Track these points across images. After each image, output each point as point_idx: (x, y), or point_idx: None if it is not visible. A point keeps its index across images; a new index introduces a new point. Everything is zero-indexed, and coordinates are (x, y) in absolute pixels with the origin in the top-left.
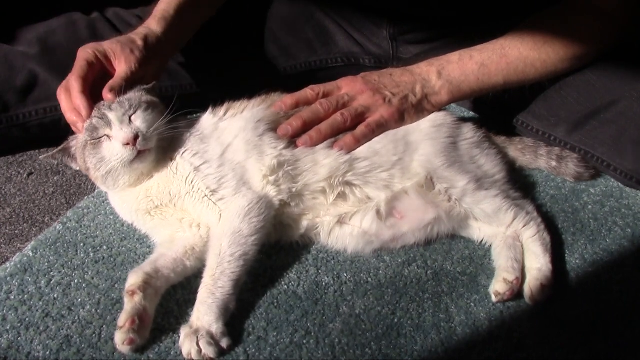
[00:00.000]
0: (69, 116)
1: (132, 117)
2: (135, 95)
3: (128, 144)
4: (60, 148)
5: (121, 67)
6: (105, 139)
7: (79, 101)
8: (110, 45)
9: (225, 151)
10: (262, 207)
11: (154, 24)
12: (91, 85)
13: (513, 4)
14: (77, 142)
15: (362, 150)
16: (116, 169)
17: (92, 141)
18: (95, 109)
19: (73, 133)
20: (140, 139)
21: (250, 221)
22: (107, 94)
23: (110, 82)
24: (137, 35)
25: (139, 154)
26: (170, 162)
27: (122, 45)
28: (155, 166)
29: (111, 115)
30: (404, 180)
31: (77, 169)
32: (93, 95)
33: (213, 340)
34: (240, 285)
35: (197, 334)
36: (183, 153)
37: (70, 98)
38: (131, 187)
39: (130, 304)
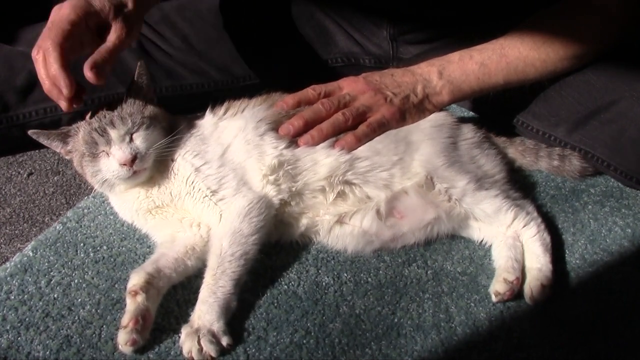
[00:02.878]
0: (47, 86)
1: (134, 135)
2: (137, 110)
3: (125, 164)
4: (58, 132)
5: (109, 38)
6: (103, 154)
7: (59, 76)
8: (101, 5)
9: (225, 151)
10: (262, 206)
11: None
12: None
13: (513, 4)
14: (74, 145)
15: (362, 150)
16: (112, 181)
17: (90, 155)
18: (95, 117)
19: None
20: (137, 160)
21: (251, 221)
22: (88, 71)
23: (95, 57)
24: None
25: (135, 173)
26: (172, 163)
27: (115, 10)
28: (155, 168)
29: (113, 134)
30: (404, 179)
31: (67, 158)
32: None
33: (214, 338)
34: (241, 284)
35: (198, 333)
36: (184, 154)
37: (46, 65)
38: (130, 189)
39: (133, 304)
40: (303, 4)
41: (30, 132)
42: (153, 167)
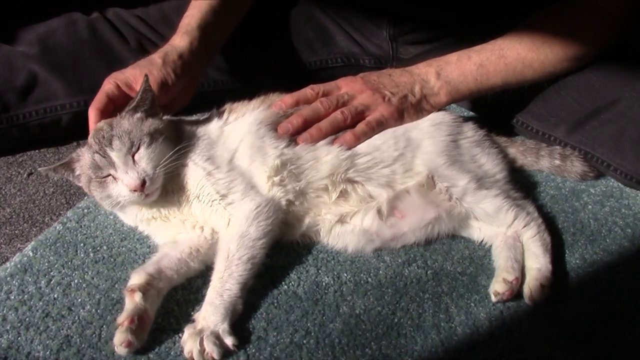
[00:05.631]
0: None
1: (136, 157)
2: (135, 126)
3: (136, 190)
4: (62, 163)
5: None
6: (110, 178)
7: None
8: (131, 72)
9: (233, 156)
10: (270, 210)
11: (177, 39)
12: (111, 114)
13: (512, 4)
14: (81, 169)
15: (362, 146)
16: (124, 205)
17: (97, 179)
18: (94, 135)
19: (73, 133)
20: (147, 183)
21: (259, 224)
22: None
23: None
24: (157, 54)
25: (147, 196)
26: (183, 169)
27: (141, 68)
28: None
29: (114, 156)
30: (406, 177)
31: (79, 185)
32: None
33: (218, 340)
34: (247, 287)
35: (201, 334)
36: (195, 158)
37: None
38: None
39: (131, 304)
40: (303, 4)
41: (40, 169)
42: (162, 186)
